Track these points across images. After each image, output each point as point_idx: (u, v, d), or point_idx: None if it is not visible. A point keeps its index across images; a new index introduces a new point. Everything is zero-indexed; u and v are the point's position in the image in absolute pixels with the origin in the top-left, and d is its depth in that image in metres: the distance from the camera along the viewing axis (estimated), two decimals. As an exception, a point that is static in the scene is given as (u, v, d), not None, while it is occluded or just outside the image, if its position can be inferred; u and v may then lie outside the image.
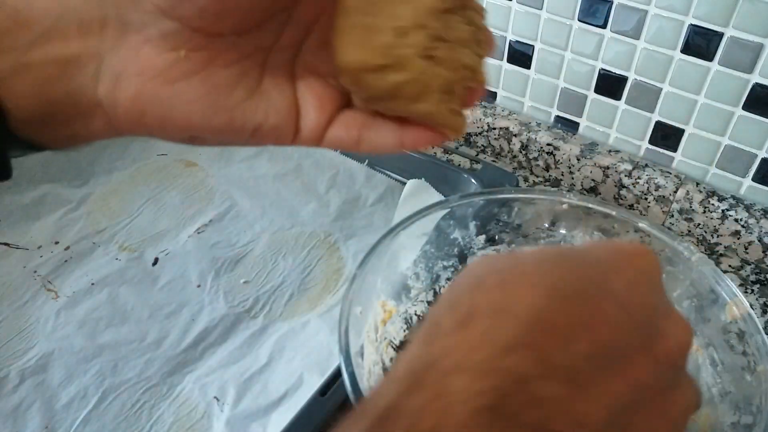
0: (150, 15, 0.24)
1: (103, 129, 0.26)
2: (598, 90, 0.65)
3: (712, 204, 0.61)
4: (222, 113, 0.26)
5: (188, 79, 0.25)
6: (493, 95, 0.73)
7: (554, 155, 0.69)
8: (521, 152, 0.71)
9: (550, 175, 0.71)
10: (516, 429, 0.19)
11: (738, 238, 0.61)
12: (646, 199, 0.65)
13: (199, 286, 0.58)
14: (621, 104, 0.64)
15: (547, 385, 0.19)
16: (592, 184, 0.68)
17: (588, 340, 0.20)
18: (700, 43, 0.56)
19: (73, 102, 0.25)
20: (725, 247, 0.62)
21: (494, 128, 0.71)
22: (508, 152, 0.72)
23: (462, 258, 0.53)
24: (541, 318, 0.20)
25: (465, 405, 0.19)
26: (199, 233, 0.63)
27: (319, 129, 0.28)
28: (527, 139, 0.69)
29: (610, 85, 0.64)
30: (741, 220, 0.60)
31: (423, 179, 0.66)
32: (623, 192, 0.66)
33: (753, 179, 0.60)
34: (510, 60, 0.69)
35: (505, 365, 0.19)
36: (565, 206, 0.50)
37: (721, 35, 0.55)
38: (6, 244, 0.62)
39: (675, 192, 0.63)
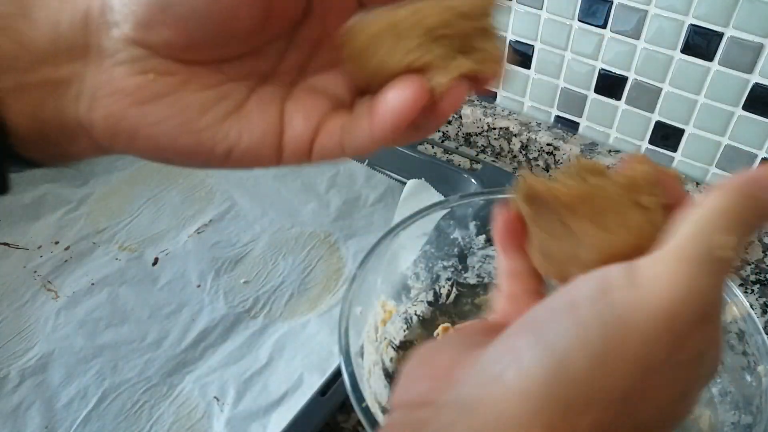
0: (121, 42, 0.25)
1: (88, 148, 0.27)
2: (598, 90, 0.65)
3: (712, 204, 0.61)
4: (189, 134, 0.26)
5: (156, 102, 0.26)
6: (493, 95, 0.73)
7: (554, 155, 0.69)
8: (521, 152, 0.71)
9: (550, 175, 0.70)
10: None
11: (738, 238, 0.61)
12: (646, 199, 0.65)
13: (199, 286, 0.58)
14: (621, 104, 0.64)
15: None
16: (592, 184, 0.68)
17: None
18: (700, 43, 0.56)
19: (60, 122, 0.26)
20: (725, 247, 0.62)
21: (494, 128, 0.71)
22: (508, 152, 0.72)
23: (462, 258, 0.53)
24: None
25: None
26: (199, 233, 0.63)
27: (307, 140, 0.28)
28: (527, 139, 0.69)
29: (610, 85, 0.64)
30: (741, 220, 0.60)
31: (423, 179, 0.66)
32: (623, 192, 0.66)
33: (753, 179, 0.60)
34: (510, 60, 0.69)
35: None
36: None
37: (721, 35, 0.55)
38: (6, 244, 0.62)
39: (675, 192, 0.63)
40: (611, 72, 0.63)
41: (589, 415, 0.19)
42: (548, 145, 0.68)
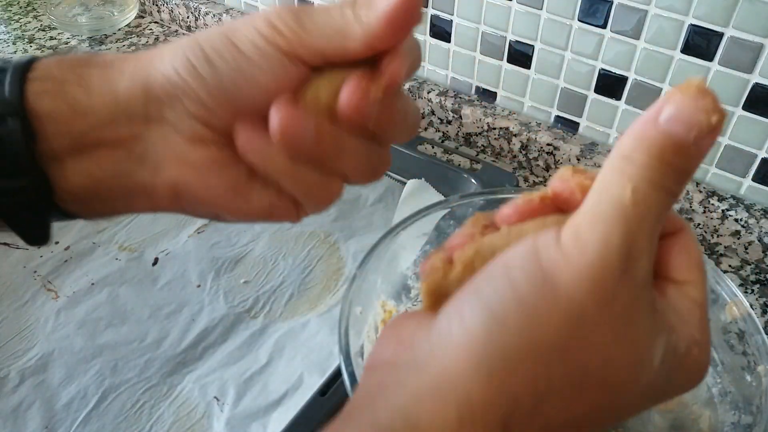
0: (184, 116, 0.28)
1: (144, 207, 0.30)
2: (598, 90, 0.65)
3: (712, 204, 0.61)
4: (239, 199, 0.29)
5: (215, 169, 0.29)
6: (493, 95, 0.73)
7: (554, 155, 0.69)
8: (521, 152, 0.71)
9: (550, 175, 0.70)
10: None
11: (738, 238, 0.61)
12: (646, 199, 0.65)
13: (199, 286, 0.58)
14: (621, 104, 0.64)
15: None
16: (592, 184, 0.68)
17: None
18: (700, 43, 0.56)
19: (118, 183, 0.29)
20: (725, 247, 0.62)
21: (494, 128, 0.71)
22: (508, 152, 0.72)
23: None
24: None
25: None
26: (199, 233, 0.63)
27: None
28: (527, 139, 0.69)
29: (610, 85, 0.64)
30: (741, 220, 0.60)
31: (423, 179, 0.66)
32: (623, 192, 0.66)
33: (753, 179, 0.60)
34: (510, 60, 0.69)
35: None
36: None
37: (721, 35, 0.55)
38: (6, 244, 0.62)
39: (675, 192, 0.63)
40: (611, 72, 0.63)
41: (525, 364, 0.21)
42: (548, 145, 0.68)
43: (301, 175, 0.29)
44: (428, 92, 0.75)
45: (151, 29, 0.97)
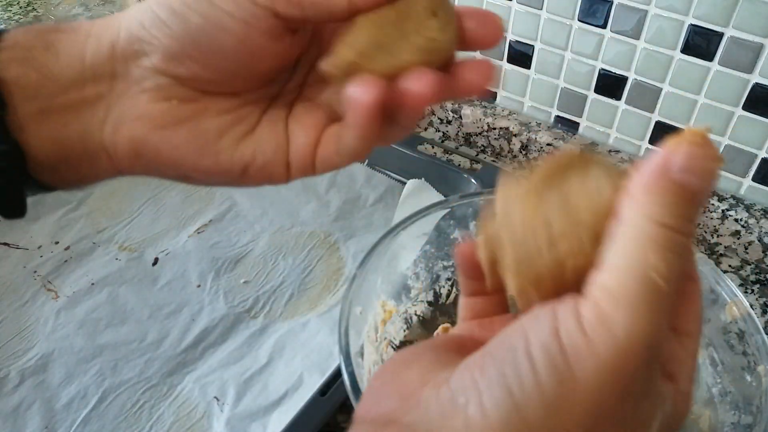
0: (148, 70, 0.27)
1: (108, 170, 0.29)
2: (598, 90, 0.65)
3: (712, 204, 0.61)
4: (208, 156, 0.28)
5: (178, 126, 0.28)
6: (493, 95, 0.73)
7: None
8: (521, 152, 0.71)
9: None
10: None
11: (738, 238, 0.61)
12: (646, 199, 0.65)
13: (199, 286, 0.58)
14: (621, 104, 0.64)
15: None
16: (592, 184, 0.68)
17: None
18: (700, 43, 0.56)
19: (83, 145, 0.28)
20: (725, 247, 0.62)
21: (494, 128, 0.71)
22: (508, 152, 0.72)
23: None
24: None
25: None
26: (199, 233, 0.63)
27: (309, 153, 0.30)
28: (527, 139, 0.69)
29: (610, 85, 0.64)
30: (741, 220, 0.60)
31: (423, 179, 0.66)
32: (623, 192, 0.66)
33: (753, 179, 0.60)
34: (510, 60, 0.69)
35: None
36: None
37: (721, 35, 0.55)
38: (6, 244, 0.62)
39: (675, 192, 0.63)
40: (611, 72, 0.63)
41: None
42: (548, 145, 0.68)
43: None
44: (428, 92, 0.75)
45: (151, 29, 0.97)
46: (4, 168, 0.27)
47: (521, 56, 0.68)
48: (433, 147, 0.73)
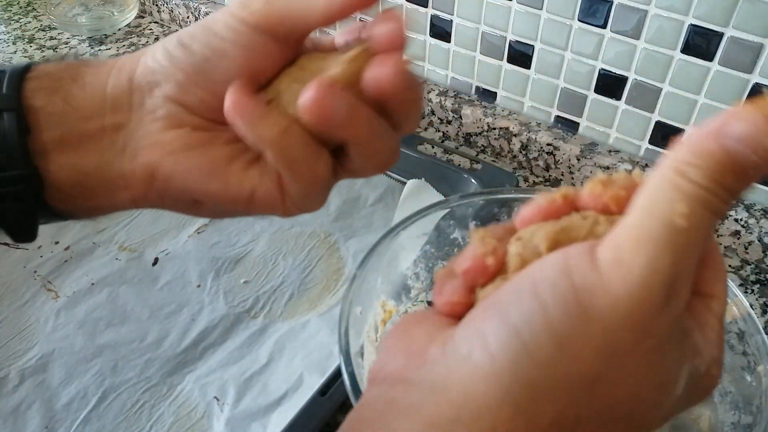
0: (161, 100, 0.29)
1: (123, 200, 0.30)
2: (598, 90, 0.65)
3: (712, 204, 0.61)
4: (217, 181, 0.29)
5: (189, 151, 0.29)
6: (493, 95, 0.73)
7: (554, 155, 0.69)
8: (521, 152, 0.71)
9: (550, 175, 0.71)
10: None
11: (738, 238, 0.61)
12: (646, 199, 0.64)
13: (199, 286, 0.58)
14: (621, 104, 0.64)
15: None
16: (592, 184, 0.68)
17: None
18: (700, 43, 0.56)
19: (100, 174, 0.29)
20: (725, 247, 0.62)
21: (494, 128, 0.71)
22: (508, 152, 0.72)
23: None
24: None
25: None
26: (199, 233, 0.63)
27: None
28: (527, 139, 0.69)
29: (610, 85, 0.64)
30: (741, 220, 0.60)
31: (423, 179, 0.66)
32: (623, 192, 0.66)
33: (753, 179, 0.60)
34: (510, 60, 0.69)
35: None
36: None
37: (721, 35, 0.55)
38: (6, 244, 0.62)
39: (675, 192, 0.63)
40: (611, 72, 0.63)
41: (555, 397, 0.19)
42: (548, 145, 0.68)
43: (289, 142, 0.28)
44: (428, 92, 0.75)
45: (151, 29, 0.97)
46: (22, 193, 0.29)
47: (521, 56, 0.68)
48: (433, 147, 0.73)
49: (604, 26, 0.60)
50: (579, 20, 0.62)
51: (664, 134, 0.63)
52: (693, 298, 0.22)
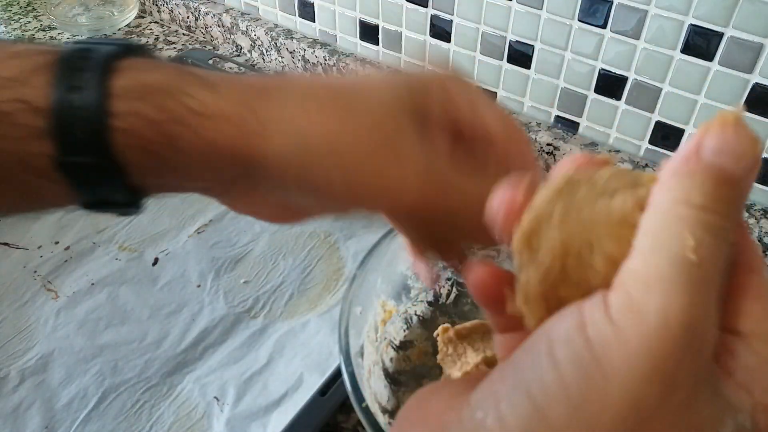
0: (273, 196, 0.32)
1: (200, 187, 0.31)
2: (598, 90, 0.65)
3: (712, 204, 0.61)
4: (285, 220, 0.34)
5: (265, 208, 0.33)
6: (494, 95, 0.73)
7: (554, 155, 0.69)
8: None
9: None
10: None
11: (738, 238, 0.61)
12: (646, 199, 0.65)
13: (199, 286, 0.58)
14: (621, 104, 0.64)
15: None
16: (592, 184, 0.68)
17: None
18: (700, 43, 0.56)
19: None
20: (725, 247, 0.62)
21: (494, 128, 0.71)
22: (508, 152, 0.72)
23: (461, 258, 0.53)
24: None
25: None
26: (199, 233, 0.63)
27: None
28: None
29: (610, 85, 0.64)
30: (741, 220, 0.60)
31: (423, 179, 0.66)
32: (623, 192, 0.66)
33: (753, 179, 0.60)
34: (510, 60, 0.69)
35: None
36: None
37: (721, 35, 0.55)
38: (6, 244, 0.62)
39: (675, 192, 0.63)
40: (611, 72, 0.63)
41: None
42: (548, 145, 0.68)
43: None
44: (428, 92, 0.75)
45: (151, 29, 0.97)
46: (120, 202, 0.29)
47: (521, 56, 0.68)
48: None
49: (604, 26, 0.60)
50: (579, 20, 0.62)
51: (664, 134, 0.63)
52: (730, 339, 0.19)
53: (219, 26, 0.90)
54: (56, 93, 0.25)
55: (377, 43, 0.78)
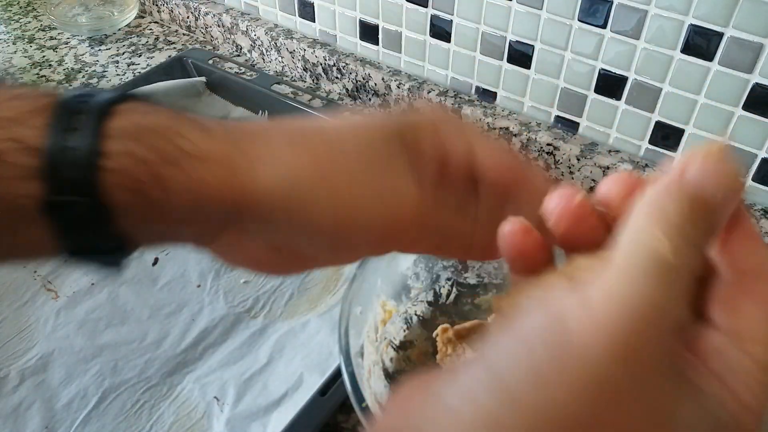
0: (263, 236, 0.30)
1: (190, 238, 0.31)
2: (598, 90, 0.65)
3: (712, 204, 0.61)
4: (286, 271, 0.33)
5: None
6: (493, 95, 0.73)
7: (554, 155, 0.69)
8: (521, 152, 0.71)
9: (550, 175, 0.71)
10: None
11: (738, 238, 0.60)
12: (646, 199, 0.64)
13: (199, 286, 0.58)
14: (621, 104, 0.64)
15: None
16: (593, 184, 0.68)
17: None
18: (700, 43, 0.56)
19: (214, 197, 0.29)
20: (725, 247, 0.62)
21: (494, 128, 0.71)
22: (508, 152, 0.72)
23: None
24: None
25: None
26: (199, 233, 0.63)
27: None
28: (527, 139, 0.69)
29: (610, 85, 0.64)
30: (741, 220, 0.59)
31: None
32: (623, 192, 0.66)
33: (753, 179, 0.60)
34: (510, 60, 0.69)
35: None
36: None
37: (721, 35, 0.55)
38: (6, 244, 0.62)
39: (675, 192, 0.63)
40: (611, 72, 0.63)
41: None
42: (548, 145, 0.68)
43: None
44: (428, 92, 0.75)
45: (151, 29, 0.97)
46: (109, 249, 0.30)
47: (521, 56, 0.68)
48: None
49: (604, 26, 0.60)
50: (579, 20, 0.62)
51: (664, 134, 0.63)
52: (723, 339, 0.20)
53: (219, 26, 0.91)
54: (51, 133, 0.25)
55: (377, 43, 0.78)
